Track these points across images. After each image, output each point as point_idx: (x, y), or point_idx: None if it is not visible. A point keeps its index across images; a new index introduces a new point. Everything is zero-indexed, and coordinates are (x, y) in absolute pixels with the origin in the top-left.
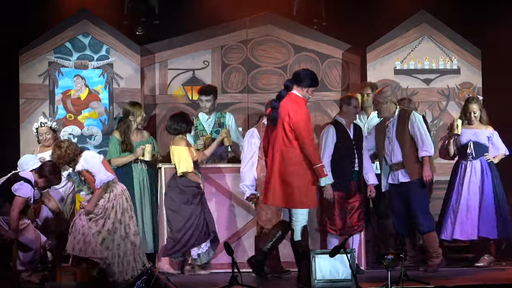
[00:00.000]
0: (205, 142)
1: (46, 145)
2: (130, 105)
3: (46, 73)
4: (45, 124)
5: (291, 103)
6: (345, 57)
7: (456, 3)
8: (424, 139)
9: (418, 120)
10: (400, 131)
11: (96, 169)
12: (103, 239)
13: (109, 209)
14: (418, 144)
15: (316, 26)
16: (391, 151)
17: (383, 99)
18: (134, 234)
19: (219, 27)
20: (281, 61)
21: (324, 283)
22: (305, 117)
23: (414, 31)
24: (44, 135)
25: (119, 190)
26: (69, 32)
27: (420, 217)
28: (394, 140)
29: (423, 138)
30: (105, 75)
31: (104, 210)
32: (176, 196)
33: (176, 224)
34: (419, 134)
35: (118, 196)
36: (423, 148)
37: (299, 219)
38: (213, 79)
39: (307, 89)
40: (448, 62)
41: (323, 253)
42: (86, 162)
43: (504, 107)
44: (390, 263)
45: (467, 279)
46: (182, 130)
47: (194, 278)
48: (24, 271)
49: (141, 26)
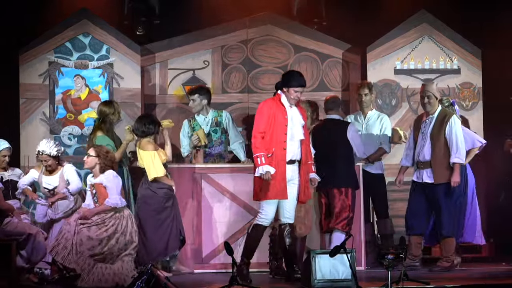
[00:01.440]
0: (199, 136)
1: (49, 171)
2: (105, 105)
3: (47, 73)
4: (43, 152)
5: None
6: (346, 57)
7: (456, 3)
8: (459, 146)
9: (456, 125)
10: (436, 131)
11: (112, 189)
12: (92, 246)
13: (107, 222)
14: (451, 149)
15: (317, 26)
16: (421, 148)
17: (435, 92)
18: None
19: (220, 27)
20: (282, 61)
21: (324, 283)
22: (258, 112)
23: (414, 31)
24: (45, 163)
25: (125, 213)
26: (69, 32)
27: (444, 221)
28: (428, 138)
29: (458, 144)
30: (105, 75)
31: (102, 220)
32: (149, 199)
33: (151, 231)
34: (455, 140)
35: (123, 218)
36: (456, 155)
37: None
38: (213, 79)
39: (287, 89)
40: (448, 62)
41: (323, 253)
42: (107, 179)
43: (503, 107)
44: (390, 263)
45: (466, 279)
46: (150, 132)
47: (193, 278)
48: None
49: (141, 26)
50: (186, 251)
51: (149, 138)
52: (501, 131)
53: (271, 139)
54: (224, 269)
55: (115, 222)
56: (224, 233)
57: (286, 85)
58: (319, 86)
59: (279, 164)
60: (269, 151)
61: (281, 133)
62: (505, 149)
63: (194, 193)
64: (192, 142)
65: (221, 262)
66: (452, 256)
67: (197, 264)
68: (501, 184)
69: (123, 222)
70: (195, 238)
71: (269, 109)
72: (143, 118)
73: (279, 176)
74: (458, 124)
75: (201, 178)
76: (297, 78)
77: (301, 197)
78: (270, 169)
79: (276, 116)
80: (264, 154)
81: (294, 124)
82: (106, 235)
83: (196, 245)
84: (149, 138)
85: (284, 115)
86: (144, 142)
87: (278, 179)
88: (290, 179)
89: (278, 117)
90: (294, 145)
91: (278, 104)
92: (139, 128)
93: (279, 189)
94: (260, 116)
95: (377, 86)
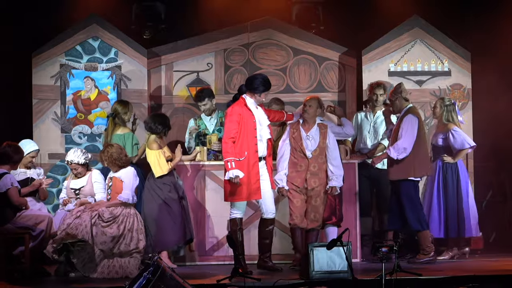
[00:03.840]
0: (212, 139)
1: (78, 177)
2: (119, 103)
3: (58, 75)
4: (72, 162)
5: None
6: (342, 60)
7: (447, 9)
8: (399, 141)
9: (407, 122)
10: (396, 127)
11: (128, 186)
12: (104, 241)
13: (118, 219)
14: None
15: (314, 30)
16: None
17: (394, 96)
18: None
19: (222, 31)
20: (281, 63)
21: (321, 274)
22: (227, 118)
23: (407, 35)
24: (74, 171)
25: (132, 212)
26: (80, 36)
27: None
28: (392, 135)
29: (399, 139)
30: (113, 77)
31: (113, 218)
32: (155, 191)
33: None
34: (399, 135)
35: (131, 216)
36: (390, 146)
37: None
38: (216, 80)
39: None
40: (439, 64)
41: (321, 246)
42: (126, 174)
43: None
44: (384, 256)
45: (457, 270)
46: (157, 131)
47: (197, 270)
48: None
49: (148, 30)
50: (191, 244)
51: (155, 136)
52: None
53: (243, 143)
54: (227, 261)
55: (124, 219)
56: (226, 227)
57: (256, 90)
58: (317, 87)
59: (253, 166)
60: (242, 155)
61: (252, 137)
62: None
63: (198, 189)
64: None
65: (223, 255)
66: (429, 248)
67: (201, 256)
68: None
69: (131, 219)
70: (199, 231)
71: (238, 115)
72: (157, 117)
73: (253, 178)
74: (410, 121)
75: (205, 175)
76: (266, 82)
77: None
78: (239, 173)
79: (245, 121)
80: (234, 159)
81: (262, 126)
82: (118, 233)
83: (200, 238)
84: (156, 136)
85: (252, 119)
86: (151, 141)
87: (252, 180)
88: (260, 176)
89: (247, 121)
90: (263, 144)
91: (245, 109)
92: (148, 123)
93: (253, 190)
94: (230, 122)
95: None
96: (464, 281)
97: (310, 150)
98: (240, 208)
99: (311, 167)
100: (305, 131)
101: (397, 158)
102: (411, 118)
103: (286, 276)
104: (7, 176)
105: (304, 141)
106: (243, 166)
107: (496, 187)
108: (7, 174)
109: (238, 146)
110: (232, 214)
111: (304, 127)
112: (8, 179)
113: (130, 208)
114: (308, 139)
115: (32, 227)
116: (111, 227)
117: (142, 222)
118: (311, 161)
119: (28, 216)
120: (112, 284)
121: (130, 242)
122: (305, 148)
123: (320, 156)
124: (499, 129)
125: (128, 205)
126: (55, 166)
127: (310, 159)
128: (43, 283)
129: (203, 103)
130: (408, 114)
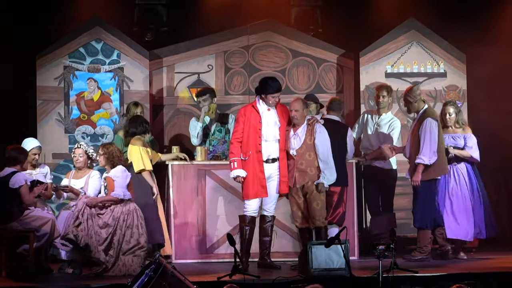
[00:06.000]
0: (212, 108)
1: (77, 167)
2: (133, 104)
3: (62, 76)
4: (81, 146)
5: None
6: (340, 62)
7: (443, 12)
8: (425, 147)
9: (428, 126)
10: (414, 130)
11: (119, 183)
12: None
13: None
14: (420, 149)
15: (313, 33)
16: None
17: (413, 98)
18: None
19: (223, 34)
20: (280, 65)
21: (320, 271)
22: (236, 119)
23: (404, 37)
24: (78, 156)
25: (131, 207)
26: (83, 38)
27: (417, 213)
28: (410, 137)
29: (425, 144)
30: (116, 78)
31: (115, 221)
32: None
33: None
34: (423, 140)
35: (130, 212)
36: (419, 155)
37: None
38: (217, 82)
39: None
40: (435, 66)
41: (319, 244)
42: (115, 173)
43: (486, 109)
44: (381, 253)
45: (453, 267)
46: (143, 130)
47: (198, 267)
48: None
49: (149, 32)
50: (191, 242)
51: (138, 136)
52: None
53: (248, 142)
54: (227, 258)
55: (125, 217)
56: (226, 225)
57: (264, 92)
58: (315, 88)
59: (256, 165)
60: (246, 154)
61: (256, 136)
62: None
63: (199, 188)
64: (203, 110)
65: (224, 252)
66: (426, 247)
67: (201, 254)
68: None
69: (130, 216)
70: (200, 229)
71: (243, 116)
72: (136, 119)
73: (257, 177)
74: (430, 125)
75: (205, 174)
76: (273, 84)
77: (280, 190)
78: (240, 173)
79: (250, 122)
80: (237, 159)
81: (269, 126)
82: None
83: (200, 236)
84: (139, 136)
85: (258, 119)
86: (135, 139)
87: (257, 179)
88: (269, 176)
89: (252, 122)
90: (271, 145)
91: (252, 110)
92: (131, 128)
93: (259, 189)
94: (236, 123)
95: (369, 88)
96: (460, 279)
97: (294, 148)
98: (250, 206)
99: (298, 164)
100: (293, 130)
101: (429, 164)
102: (431, 122)
103: (285, 274)
104: (20, 173)
105: (290, 139)
106: (248, 165)
107: (491, 186)
108: (20, 172)
109: (244, 145)
110: (244, 211)
111: (294, 127)
112: (22, 176)
113: (129, 205)
114: (293, 137)
115: (37, 228)
116: (106, 213)
117: (142, 216)
118: (297, 159)
119: (33, 217)
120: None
121: (130, 238)
122: (289, 146)
123: (308, 152)
124: (494, 130)
125: (127, 202)
126: (59, 165)
127: (295, 157)
128: (47, 280)
129: (203, 98)
130: (427, 117)
